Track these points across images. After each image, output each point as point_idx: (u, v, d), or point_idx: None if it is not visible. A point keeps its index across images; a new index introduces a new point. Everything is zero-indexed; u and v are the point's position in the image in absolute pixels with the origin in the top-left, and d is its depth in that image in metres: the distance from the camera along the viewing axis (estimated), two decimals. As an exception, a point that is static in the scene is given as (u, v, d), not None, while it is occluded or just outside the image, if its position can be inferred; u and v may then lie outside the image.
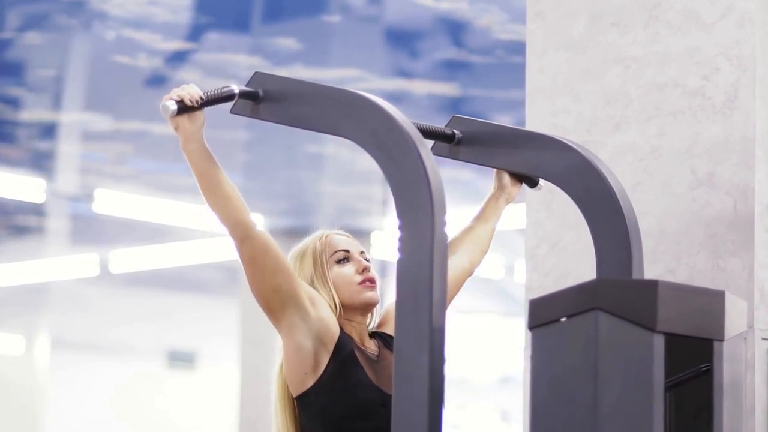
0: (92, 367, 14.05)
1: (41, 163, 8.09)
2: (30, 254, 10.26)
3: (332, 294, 2.35)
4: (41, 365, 13.76)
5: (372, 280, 2.37)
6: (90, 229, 9.57)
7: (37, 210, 8.90)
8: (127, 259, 10.38)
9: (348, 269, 2.37)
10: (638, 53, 2.82)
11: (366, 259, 2.40)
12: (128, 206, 8.72)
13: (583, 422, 1.96)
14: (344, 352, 2.29)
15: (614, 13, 2.86)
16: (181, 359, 14.79)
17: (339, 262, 2.37)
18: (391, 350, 2.37)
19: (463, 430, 14.98)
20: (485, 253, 2.57)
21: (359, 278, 2.36)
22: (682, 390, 2.12)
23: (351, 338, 2.33)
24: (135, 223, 9.08)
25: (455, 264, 2.51)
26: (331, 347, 2.28)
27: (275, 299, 2.26)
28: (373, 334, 2.43)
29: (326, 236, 2.40)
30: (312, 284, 2.35)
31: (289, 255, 2.39)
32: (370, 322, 2.42)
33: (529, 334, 2.05)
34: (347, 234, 2.43)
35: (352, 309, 2.36)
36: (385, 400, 2.26)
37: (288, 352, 2.30)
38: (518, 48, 5.62)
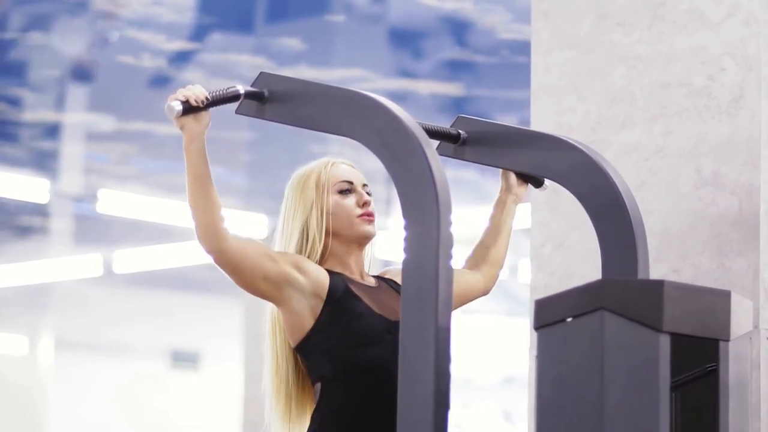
0: (95, 367, 14.06)
1: (45, 163, 8.09)
2: (33, 254, 10.27)
3: (326, 223, 2.35)
4: (44, 365, 13.77)
5: (371, 215, 2.38)
6: (93, 230, 9.57)
7: (41, 210, 8.90)
8: (130, 259, 10.38)
9: (349, 201, 2.38)
10: (643, 52, 2.82)
11: (368, 193, 2.41)
12: (132, 206, 8.72)
13: (588, 422, 1.96)
14: (338, 292, 2.31)
15: (619, 13, 2.86)
16: (184, 359, 14.80)
17: (341, 192, 2.38)
18: (391, 284, 2.39)
19: (466, 430, 14.98)
20: (501, 266, 2.56)
21: (359, 211, 2.37)
22: (688, 390, 2.13)
23: (342, 274, 2.35)
24: (139, 224, 9.09)
25: (469, 280, 2.52)
26: (324, 295, 2.30)
27: (268, 286, 2.28)
28: (375, 277, 2.44)
29: (332, 164, 2.40)
30: (310, 213, 2.35)
31: (293, 177, 2.41)
32: (366, 258, 2.42)
33: (535, 334, 2.05)
34: (352, 164, 2.44)
35: (348, 240, 2.37)
36: (389, 327, 2.29)
37: (285, 316, 2.32)
38: (522, 48, 5.62)
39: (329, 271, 2.34)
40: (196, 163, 2.22)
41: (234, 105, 2.30)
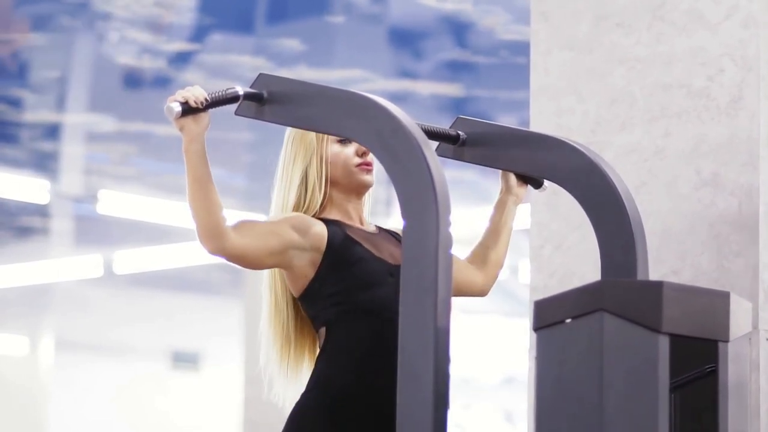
0: (96, 368, 14.05)
1: (45, 164, 8.09)
2: (34, 255, 10.27)
3: (325, 172, 2.37)
4: (45, 366, 13.77)
5: (369, 164, 2.40)
6: (94, 230, 9.57)
7: (41, 211, 8.91)
8: (131, 260, 10.38)
9: (348, 150, 2.40)
10: (643, 54, 2.82)
11: None
12: (132, 207, 8.72)
13: (588, 423, 1.96)
14: (337, 241, 2.33)
15: (618, 14, 2.86)
16: (184, 360, 14.79)
17: (340, 141, 2.40)
18: (391, 233, 2.41)
19: (467, 431, 14.98)
20: (501, 266, 2.57)
21: (358, 161, 2.39)
22: (687, 391, 2.13)
23: (340, 222, 2.37)
24: (139, 224, 9.09)
25: (470, 272, 2.52)
26: (323, 247, 2.33)
27: (274, 259, 2.30)
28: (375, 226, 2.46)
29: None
30: (310, 162, 2.37)
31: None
32: (365, 207, 2.44)
33: (534, 335, 2.05)
34: None
35: (347, 189, 2.40)
36: (390, 270, 2.32)
37: (288, 273, 2.34)
38: (522, 48, 5.61)
39: (327, 221, 2.36)
40: (195, 165, 2.22)
41: (233, 106, 2.30)
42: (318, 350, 2.35)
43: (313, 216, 2.38)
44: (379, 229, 2.44)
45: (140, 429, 14.18)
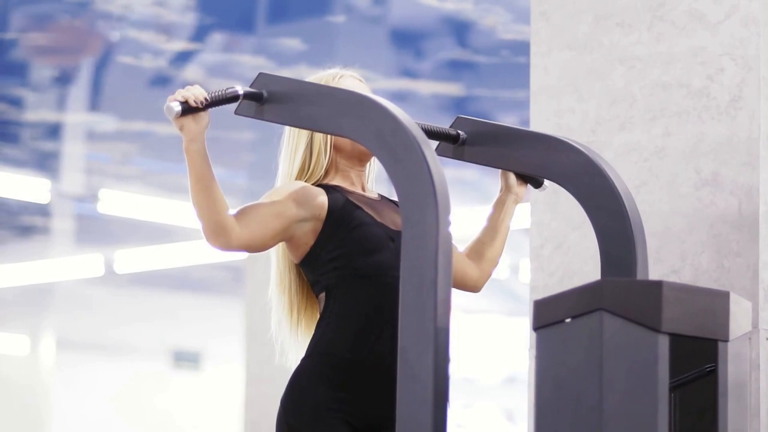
0: (97, 367, 14.05)
1: (46, 163, 8.09)
2: (35, 254, 10.26)
3: (330, 138, 2.37)
4: (46, 365, 13.77)
5: None
6: (95, 230, 9.56)
7: (42, 210, 8.90)
8: (132, 259, 10.38)
9: None
10: (643, 53, 2.82)
11: None
12: (133, 206, 8.71)
13: (587, 422, 1.95)
14: (338, 206, 2.34)
15: (618, 13, 2.86)
16: (186, 359, 14.79)
17: None
18: (393, 201, 2.41)
19: (468, 430, 14.97)
20: (496, 263, 2.57)
21: None
22: (687, 390, 2.13)
23: (341, 187, 2.37)
24: (140, 224, 9.08)
25: (466, 265, 2.52)
26: (324, 215, 2.33)
27: (278, 238, 2.32)
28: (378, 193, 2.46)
29: (339, 77, 2.42)
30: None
31: None
32: (369, 174, 2.44)
33: (534, 334, 2.04)
34: (361, 78, 2.45)
35: (350, 156, 2.40)
36: (391, 235, 2.33)
37: (290, 242, 2.35)
38: (523, 48, 5.61)
39: (329, 187, 2.37)
40: (197, 164, 2.23)
41: (233, 106, 2.30)
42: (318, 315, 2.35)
43: (317, 182, 2.38)
44: (382, 196, 2.45)
45: (141, 428, 14.17)
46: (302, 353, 2.35)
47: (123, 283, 11.09)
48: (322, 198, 2.34)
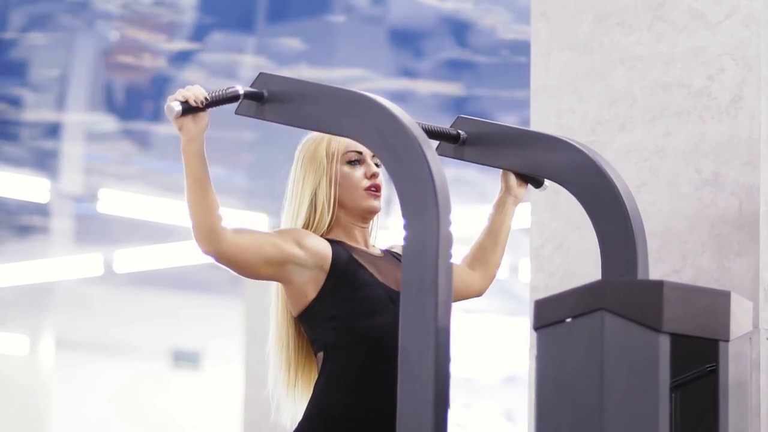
0: (96, 367, 14.04)
1: (45, 163, 8.08)
2: (34, 254, 10.26)
3: (333, 194, 2.36)
4: (45, 365, 13.76)
5: (378, 188, 2.39)
6: (94, 229, 9.56)
7: (42, 210, 8.90)
8: (131, 258, 10.38)
9: (357, 172, 2.38)
10: (643, 53, 2.81)
11: (376, 164, 2.40)
12: (132, 206, 8.71)
13: (588, 422, 1.95)
14: (342, 262, 2.31)
15: (619, 13, 2.85)
16: (185, 359, 14.78)
17: (350, 162, 2.38)
18: (396, 256, 2.39)
19: (468, 430, 14.97)
20: (498, 265, 2.56)
21: (366, 183, 2.38)
22: (688, 390, 2.12)
23: (346, 244, 2.35)
24: (139, 223, 9.08)
25: (468, 273, 2.52)
26: (327, 267, 2.31)
27: (271, 269, 2.28)
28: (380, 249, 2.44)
29: None
30: (319, 183, 2.36)
31: (303, 142, 2.41)
32: (372, 230, 2.43)
33: (535, 334, 2.04)
34: None
35: (353, 212, 2.38)
36: (392, 296, 2.30)
37: (288, 289, 2.32)
38: (523, 48, 5.61)
39: (332, 241, 2.34)
40: (193, 164, 2.22)
41: (234, 105, 2.30)
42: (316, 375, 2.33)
43: (320, 236, 2.36)
44: (384, 251, 2.42)
45: (140, 428, 14.17)
46: (298, 411, 2.33)
47: (122, 282, 11.09)
48: (325, 248, 2.31)
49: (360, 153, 2.38)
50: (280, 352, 2.37)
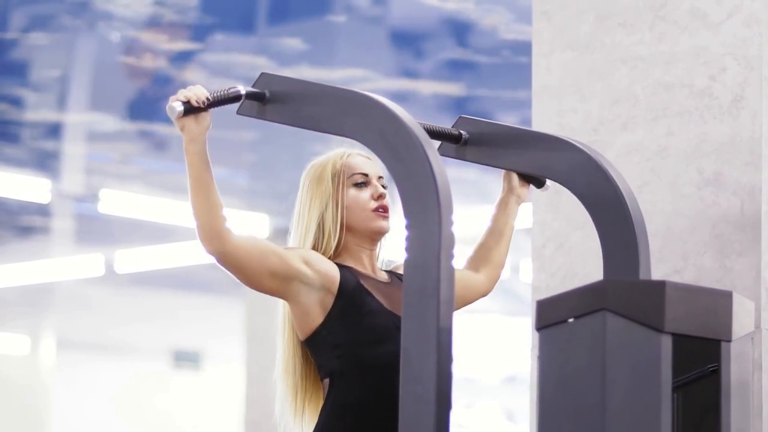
0: (97, 367, 14.04)
1: (46, 163, 8.08)
2: (35, 254, 10.25)
3: (341, 217, 2.34)
4: (46, 365, 13.76)
5: (385, 209, 2.37)
6: (95, 229, 9.56)
7: (43, 210, 8.89)
8: (132, 259, 10.37)
9: (364, 194, 2.37)
10: (645, 53, 2.81)
11: (383, 186, 2.40)
12: (133, 206, 8.71)
13: (590, 422, 1.95)
14: (350, 287, 2.30)
15: (621, 13, 2.85)
16: (186, 359, 14.78)
17: (356, 185, 2.37)
18: (401, 279, 2.37)
19: (469, 430, 14.97)
20: (502, 266, 2.56)
21: (374, 205, 2.36)
22: (690, 390, 2.12)
23: (354, 269, 2.34)
24: (140, 223, 9.08)
25: (472, 277, 2.51)
26: (335, 290, 2.29)
27: (274, 282, 2.27)
28: (386, 272, 2.43)
29: (347, 155, 2.39)
30: (326, 207, 2.35)
31: (308, 167, 2.40)
32: (379, 253, 2.41)
33: (537, 334, 2.04)
34: (368, 156, 2.42)
35: (361, 235, 2.36)
36: (398, 324, 2.26)
37: (294, 310, 2.31)
38: (524, 48, 5.62)
39: (340, 266, 2.33)
40: (196, 164, 2.21)
41: (235, 106, 2.29)
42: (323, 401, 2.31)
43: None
44: (391, 275, 2.40)
45: (141, 428, 14.17)
46: None
47: (123, 283, 11.08)
48: (333, 271, 2.30)
49: (366, 175, 2.37)
50: (287, 379, 2.35)
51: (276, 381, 2.37)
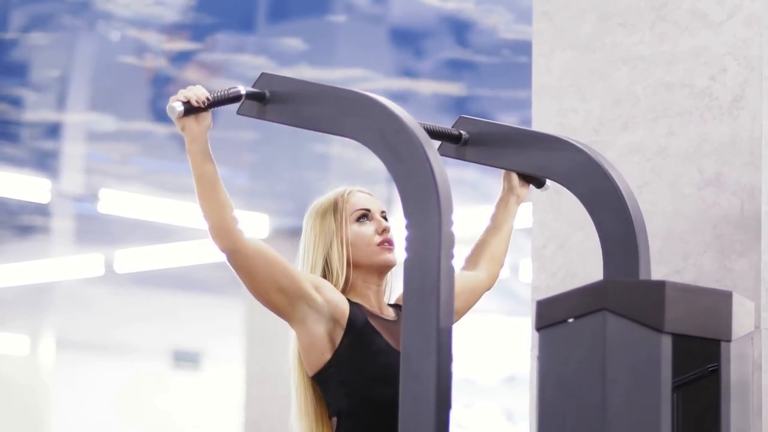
0: (97, 367, 14.03)
1: (46, 163, 8.08)
2: (35, 254, 10.25)
3: (346, 254, 2.33)
4: (46, 365, 13.75)
5: (390, 242, 2.36)
6: (95, 229, 9.55)
7: (42, 210, 8.89)
8: (132, 258, 10.37)
9: (368, 229, 2.36)
10: (645, 53, 2.81)
11: (385, 219, 2.39)
12: (133, 206, 8.70)
13: (590, 423, 1.95)
14: (358, 324, 2.29)
15: (621, 13, 2.85)
16: (186, 359, 14.77)
17: (359, 220, 2.36)
18: None
19: (468, 430, 14.96)
20: (503, 261, 2.56)
21: (378, 239, 2.36)
22: (690, 390, 2.12)
23: (363, 307, 2.33)
24: (140, 223, 9.07)
25: (473, 277, 2.51)
26: (344, 323, 2.28)
27: (282, 299, 2.26)
28: (391, 306, 2.42)
29: (348, 193, 2.39)
30: (331, 245, 2.34)
31: (310, 209, 2.40)
32: (386, 289, 2.41)
33: (536, 335, 2.04)
34: (369, 192, 2.42)
35: (368, 270, 2.36)
36: None
37: (302, 338, 2.30)
38: (524, 48, 5.62)
39: (349, 301, 2.32)
40: (199, 164, 2.21)
41: (235, 106, 2.29)
42: None
43: None
44: (397, 311, 2.38)
45: (141, 428, 14.16)
46: None
47: (123, 282, 11.08)
48: (343, 304, 2.29)
49: (368, 210, 2.37)
50: (302, 421, 2.34)
51: (292, 423, 2.35)
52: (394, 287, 2.42)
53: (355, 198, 2.38)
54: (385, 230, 2.36)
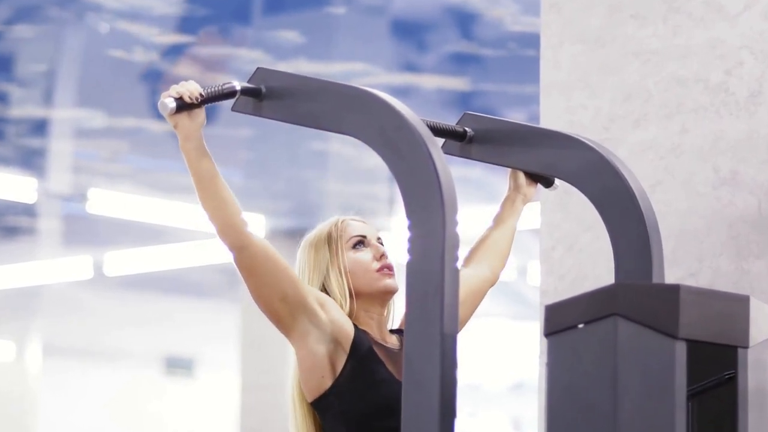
0: (86, 374, 14.00)
1: (32, 161, 8.05)
2: (21, 256, 10.23)
3: (347, 283, 2.30)
4: (33, 372, 13.69)
5: (390, 267, 2.33)
6: (83, 230, 9.53)
7: (29, 210, 8.86)
8: (122, 261, 10.36)
9: (365, 255, 2.33)
10: (658, 46, 2.79)
11: (382, 244, 2.36)
12: (123, 206, 8.69)
13: (602, 433, 1.88)
14: (362, 350, 2.25)
15: (633, 5, 2.82)
16: (178, 365, 14.76)
17: (355, 247, 2.33)
18: None
19: (475, 439, 14.99)
20: (506, 258, 2.53)
21: (377, 265, 2.32)
22: (705, 398, 2.08)
23: (367, 333, 2.30)
24: (130, 224, 9.05)
25: (476, 274, 2.48)
26: (347, 347, 2.24)
27: (284, 309, 2.22)
28: (393, 331, 2.38)
29: (341, 221, 2.36)
30: (327, 274, 2.31)
31: (303, 241, 2.36)
32: (388, 315, 2.37)
33: (545, 340, 2.00)
34: (363, 219, 2.39)
35: (370, 298, 2.32)
36: None
37: (301, 358, 2.26)
38: (531, 40, 5.59)
39: (355, 326, 2.28)
40: (195, 162, 2.17)
41: (230, 102, 2.25)
42: None
43: None
44: (400, 338, 2.34)
45: (131, 438, 14.13)
46: None
47: (113, 286, 11.06)
48: (348, 326, 2.25)
49: (363, 236, 2.34)
50: None
51: None
52: (396, 312, 2.39)
53: (349, 226, 2.35)
54: (383, 255, 2.33)
